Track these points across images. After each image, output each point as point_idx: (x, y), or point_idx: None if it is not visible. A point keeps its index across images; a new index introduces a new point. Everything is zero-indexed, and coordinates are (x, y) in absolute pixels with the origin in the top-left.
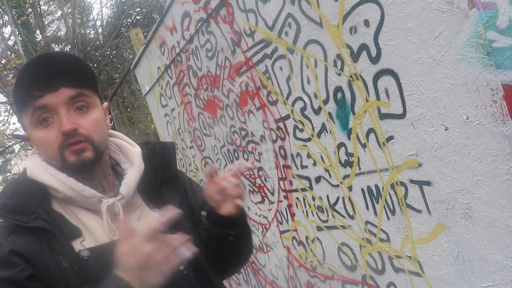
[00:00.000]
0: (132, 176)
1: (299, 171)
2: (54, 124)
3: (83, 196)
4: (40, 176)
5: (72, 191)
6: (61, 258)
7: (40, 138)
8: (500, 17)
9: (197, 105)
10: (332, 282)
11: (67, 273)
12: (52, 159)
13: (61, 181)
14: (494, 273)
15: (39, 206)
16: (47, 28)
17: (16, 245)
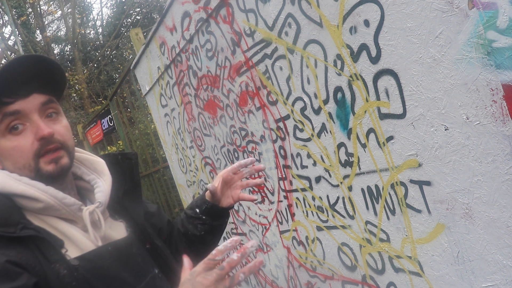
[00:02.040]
0: (105, 184)
1: (299, 171)
2: (27, 131)
3: (64, 204)
4: (15, 187)
5: (54, 200)
6: (58, 266)
7: (11, 146)
8: (500, 17)
9: (197, 105)
10: (332, 282)
11: (66, 280)
12: (24, 169)
13: (41, 189)
14: (494, 273)
15: (21, 217)
16: (47, 28)
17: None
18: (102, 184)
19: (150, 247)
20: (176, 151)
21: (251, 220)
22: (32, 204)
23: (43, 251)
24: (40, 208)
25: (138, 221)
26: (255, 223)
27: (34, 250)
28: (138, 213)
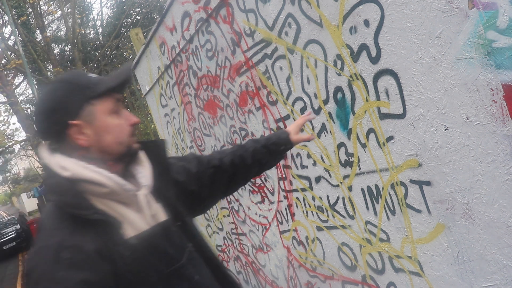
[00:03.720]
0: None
1: (299, 171)
2: (121, 116)
3: (125, 189)
4: (85, 174)
5: (117, 185)
6: (122, 249)
7: (117, 123)
8: (500, 17)
9: (197, 105)
10: (332, 282)
11: (129, 261)
12: (120, 144)
13: (107, 177)
14: (494, 273)
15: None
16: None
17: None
18: (143, 170)
19: (181, 224)
20: (176, 151)
21: (251, 220)
22: (98, 189)
23: (109, 234)
24: (104, 193)
25: (171, 201)
26: (255, 223)
27: (102, 235)
28: (170, 194)
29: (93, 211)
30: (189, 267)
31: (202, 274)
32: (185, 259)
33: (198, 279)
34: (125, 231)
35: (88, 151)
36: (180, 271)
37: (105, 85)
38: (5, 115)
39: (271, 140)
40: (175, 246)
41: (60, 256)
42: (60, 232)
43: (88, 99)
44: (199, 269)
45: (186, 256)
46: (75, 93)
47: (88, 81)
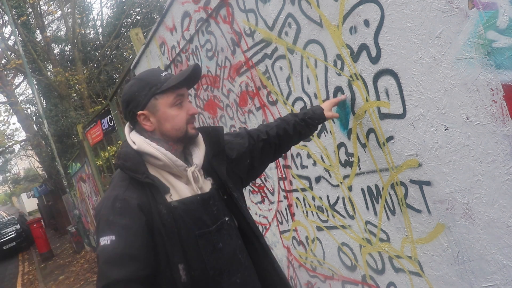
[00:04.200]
0: (199, 152)
1: (299, 171)
2: (183, 107)
3: (176, 164)
4: (147, 149)
5: (169, 160)
6: (161, 207)
7: (175, 114)
8: (500, 17)
9: (197, 105)
10: (332, 282)
11: (165, 217)
12: (178, 130)
13: (163, 153)
14: (494, 273)
15: (145, 169)
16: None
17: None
18: (197, 151)
19: (227, 198)
20: None
21: None
22: (156, 161)
23: (154, 195)
24: (160, 165)
25: (222, 177)
26: None
27: (148, 194)
28: (222, 171)
29: (145, 175)
30: (216, 235)
31: (228, 243)
32: (215, 228)
33: (221, 246)
34: (171, 195)
35: (153, 134)
36: (207, 236)
37: (168, 83)
38: (5, 115)
39: (308, 114)
40: (210, 215)
41: (115, 205)
42: (118, 188)
43: (153, 94)
44: (226, 239)
45: (217, 226)
46: (145, 90)
47: (156, 80)
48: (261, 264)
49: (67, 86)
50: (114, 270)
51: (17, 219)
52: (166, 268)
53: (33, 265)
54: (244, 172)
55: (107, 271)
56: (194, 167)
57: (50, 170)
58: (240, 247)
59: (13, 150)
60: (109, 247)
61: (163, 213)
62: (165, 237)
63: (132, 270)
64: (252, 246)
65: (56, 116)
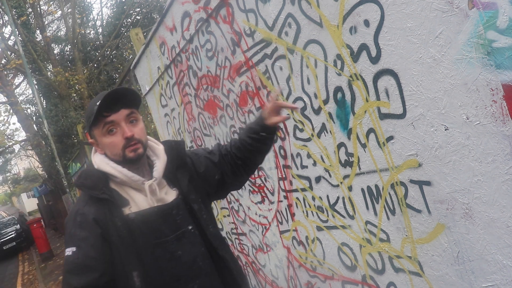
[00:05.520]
0: (159, 165)
1: (299, 171)
2: (118, 133)
3: (133, 180)
4: (106, 168)
5: (126, 177)
6: (116, 220)
7: (109, 142)
8: (500, 17)
9: (197, 105)
10: (332, 282)
11: (120, 229)
12: (116, 155)
13: (118, 170)
14: (494, 273)
15: (103, 185)
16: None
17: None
18: (158, 164)
19: (190, 208)
20: None
21: (251, 220)
22: (114, 178)
23: (110, 209)
24: (119, 181)
25: (184, 189)
26: (255, 223)
27: (105, 208)
28: (184, 183)
29: (102, 192)
30: (175, 243)
31: (188, 251)
32: (174, 236)
33: (180, 254)
34: (130, 207)
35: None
36: (164, 244)
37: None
38: (5, 115)
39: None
40: (170, 224)
41: (76, 219)
42: (80, 204)
43: (90, 126)
44: (186, 247)
45: (177, 234)
46: (87, 121)
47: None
48: (222, 273)
49: (67, 86)
50: (74, 278)
51: (17, 219)
52: (122, 275)
53: (33, 265)
54: (212, 187)
55: (69, 279)
56: (152, 181)
57: (50, 170)
58: (203, 255)
59: (13, 150)
60: (70, 257)
61: (118, 225)
62: (120, 247)
63: (90, 279)
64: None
65: (56, 116)
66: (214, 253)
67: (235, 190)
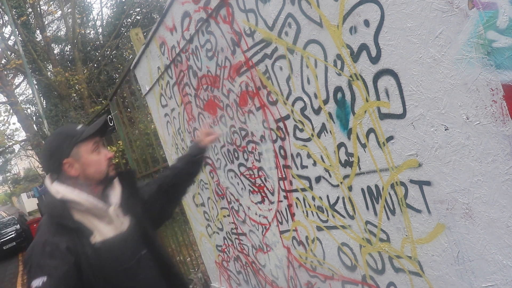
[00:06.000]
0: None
1: (299, 171)
2: (100, 153)
3: (98, 207)
4: (71, 196)
5: (92, 204)
6: (87, 249)
7: (97, 159)
8: (500, 17)
9: (197, 105)
10: (332, 282)
11: (90, 258)
12: (100, 173)
13: (85, 198)
14: (494, 273)
15: (70, 215)
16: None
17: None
18: (114, 192)
19: (143, 233)
20: (176, 151)
21: (251, 220)
22: (79, 206)
23: (80, 238)
24: (84, 209)
25: (137, 216)
26: (255, 223)
27: (75, 238)
28: (137, 209)
29: (71, 221)
30: (137, 268)
31: (148, 274)
32: (135, 261)
33: (142, 278)
34: (95, 237)
35: (77, 179)
36: (129, 270)
37: (86, 133)
38: (5, 115)
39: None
40: (130, 250)
41: (45, 249)
42: (47, 234)
43: (75, 143)
44: (146, 270)
45: (137, 259)
46: (66, 141)
47: (75, 132)
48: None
49: (67, 86)
50: None
51: (17, 219)
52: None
53: None
54: (155, 213)
55: None
56: (114, 206)
57: None
58: (158, 276)
59: (13, 150)
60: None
61: (89, 254)
62: (90, 275)
63: None
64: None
65: (56, 116)
66: (169, 272)
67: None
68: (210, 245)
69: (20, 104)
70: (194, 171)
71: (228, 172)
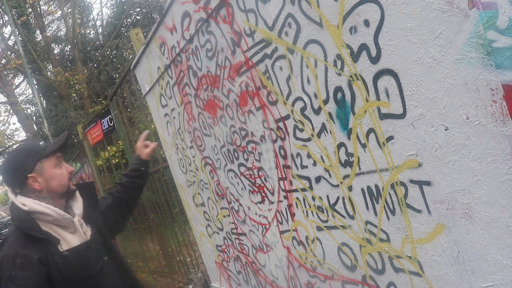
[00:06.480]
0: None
1: (299, 171)
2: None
3: (64, 217)
4: (38, 208)
5: (58, 214)
6: (56, 258)
7: (60, 173)
8: (500, 17)
9: (197, 105)
10: (332, 282)
11: (60, 266)
12: (63, 186)
13: (52, 209)
14: (494, 273)
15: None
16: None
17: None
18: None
19: (103, 241)
20: (176, 151)
21: (251, 220)
22: (46, 217)
23: (49, 248)
24: (50, 220)
25: (98, 225)
26: (255, 223)
27: (44, 248)
28: (98, 219)
29: (40, 232)
30: (100, 274)
31: (109, 279)
32: (99, 268)
33: (104, 283)
34: (61, 246)
35: (41, 193)
36: (93, 276)
37: (49, 149)
38: (5, 115)
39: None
40: (94, 257)
41: (16, 261)
42: (16, 246)
43: (38, 159)
44: (108, 276)
45: (100, 265)
46: (30, 156)
47: (38, 148)
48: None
49: (67, 86)
50: None
51: None
52: None
53: None
54: (111, 223)
55: None
56: (77, 216)
57: None
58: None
59: None
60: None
61: (58, 262)
62: (61, 283)
63: None
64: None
65: (56, 116)
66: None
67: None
68: (210, 245)
69: (20, 104)
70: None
71: (228, 172)
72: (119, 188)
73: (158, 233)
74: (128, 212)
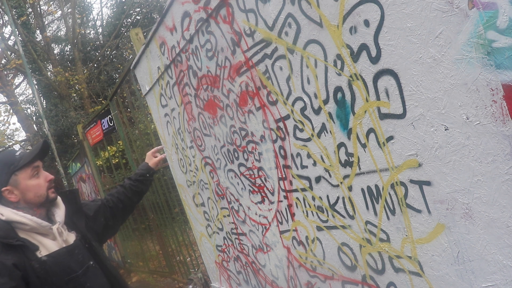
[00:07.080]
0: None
1: (299, 171)
2: (40, 176)
3: (41, 226)
4: (15, 218)
5: (35, 223)
6: (34, 263)
7: (36, 184)
8: (500, 17)
9: (197, 105)
10: (332, 282)
11: (37, 270)
12: (40, 196)
13: (29, 219)
14: (494, 273)
15: (15, 234)
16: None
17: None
18: (59, 211)
19: (88, 246)
20: (176, 151)
21: (251, 220)
22: (23, 226)
23: (26, 254)
24: (28, 228)
25: (82, 231)
26: (255, 223)
27: (21, 254)
28: (82, 225)
29: (16, 239)
30: (84, 277)
31: (95, 282)
32: (81, 272)
33: (89, 286)
34: (40, 252)
35: (18, 203)
36: (75, 279)
37: (24, 160)
38: (5, 115)
39: (138, 174)
40: (76, 262)
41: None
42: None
43: (12, 172)
44: (93, 279)
45: (83, 269)
46: (4, 169)
47: (13, 159)
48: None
49: (67, 86)
50: None
51: None
52: None
53: None
54: (100, 228)
55: None
56: (57, 224)
57: (50, 170)
58: (105, 284)
59: None
60: None
61: (36, 267)
62: (39, 286)
63: None
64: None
65: (56, 116)
66: (115, 282)
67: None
68: (210, 245)
69: (20, 104)
70: (142, 188)
71: (228, 172)
72: (119, 189)
73: (158, 233)
74: (122, 216)
